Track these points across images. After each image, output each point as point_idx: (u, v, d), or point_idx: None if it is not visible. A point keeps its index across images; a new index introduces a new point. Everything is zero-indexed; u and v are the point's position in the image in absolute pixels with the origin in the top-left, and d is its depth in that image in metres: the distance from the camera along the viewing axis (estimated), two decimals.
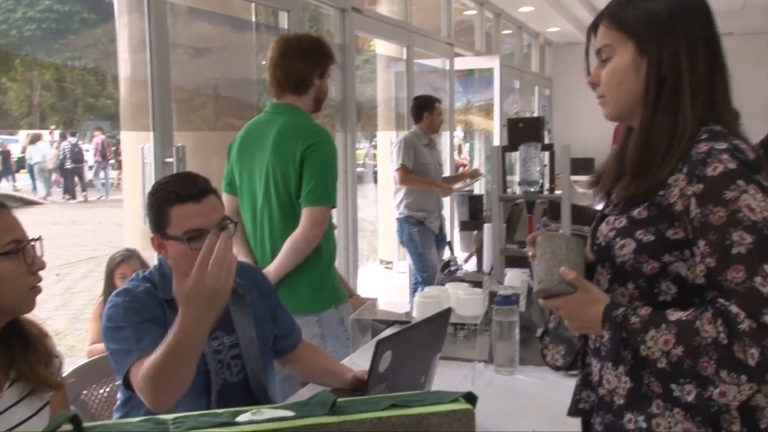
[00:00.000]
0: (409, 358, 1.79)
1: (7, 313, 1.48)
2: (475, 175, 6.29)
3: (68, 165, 17.54)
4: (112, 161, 18.17)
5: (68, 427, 1.17)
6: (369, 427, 1.27)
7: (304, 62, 2.75)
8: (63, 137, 18.02)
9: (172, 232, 1.89)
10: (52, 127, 19.29)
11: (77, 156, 17.67)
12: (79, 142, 17.82)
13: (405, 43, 6.45)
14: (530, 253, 1.47)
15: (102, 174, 18.09)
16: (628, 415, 1.36)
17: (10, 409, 1.48)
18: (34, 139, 17.39)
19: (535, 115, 10.20)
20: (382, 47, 7.19)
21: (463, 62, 8.33)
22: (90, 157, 18.15)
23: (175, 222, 1.89)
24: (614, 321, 1.34)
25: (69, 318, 6.89)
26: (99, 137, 18.47)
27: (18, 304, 1.49)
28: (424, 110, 5.43)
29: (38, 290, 1.51)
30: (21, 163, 18.01)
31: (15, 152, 18.69)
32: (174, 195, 1.89)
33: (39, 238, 1.52)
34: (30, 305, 1.51)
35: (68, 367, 1.98)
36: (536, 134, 3.16)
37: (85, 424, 1.18)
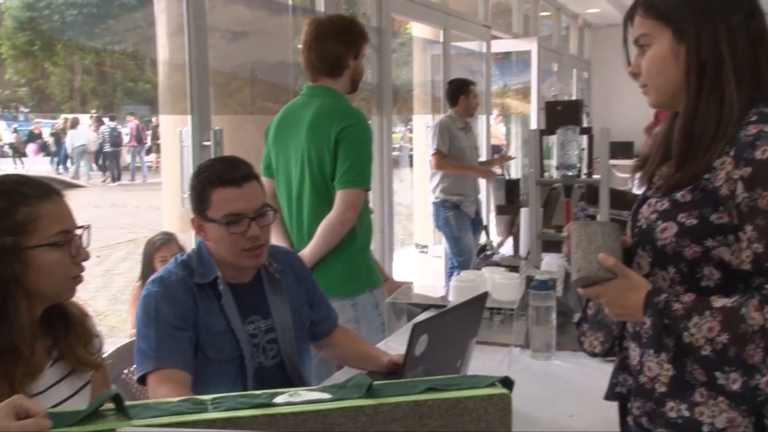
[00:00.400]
0: (445, 342, 1.79)
1: (48, 299, 1.51)
2: (505, 159, 6.23)
3: (107, 148, 17.88)
4: (147, 145, 18.48)
5: (111, 405, 1.20)
6: (405, 411, 1.27)
7: (337, 44, 2.74)
8: (100, 122, 18.35)
9: (212, 214, 1.91)
10: (93, 111, 19.58)
11: (116, 140, 18.01)
12: (118, 126, 18.12)
13: (442, 25, 6.41)
14: (565, 250, 1.45)
15: (138, 158, 18.40)
16: (670, 403, 1.34)
17: (53, 387, 1.51)
18: (74, 124, 17.69)
19: (574, 98, 10.08)
20: (419, 30, 7.14)
21: (500, 45, 8.26)
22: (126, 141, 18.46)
23: (215, 205, 1.91)
24: (656, 307, 1.31)
25: (109, 299, 7.02)
26: (133, 122, 18.79)
27: (58, 292, 1.51)
28: (460, 93, 5.39)
29: (80, 280, 1.53)
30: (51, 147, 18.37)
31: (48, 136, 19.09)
32: (216, 178, 1.91)
33: (87, 227, 1.53)
34: (70, 294, 1.54)
35: (109, 347, 2.02)
36: (574, 117, 3.12)
37: (126, 403, 1.20)
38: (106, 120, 18.28)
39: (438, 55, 6.62)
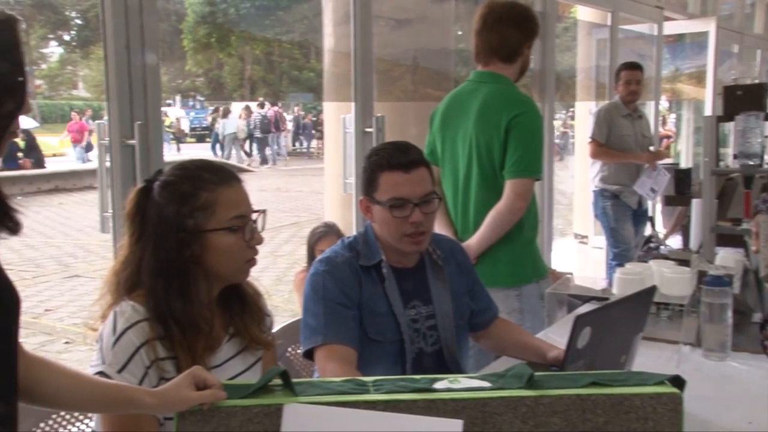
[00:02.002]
0: (609, 335, 1.72)
1: (224, 280, 1.59)
2: (661, 156, 5.83)
3: (258, 135, 18.83)
4: (286, 131, 19.36)
5: (279, 381, 1.25)
6: (567, 404, 1.23)
7: (518, 30, 2.71)
8: (248, 110, 19.34)
9: (378, 196, 1.95)
10: (260, 98, 20.62)
11: (266, 127, 18.94)
12: (266, 113, 18.92)
13: (610, 8, 6.15)
14: (753, 249, 1.36)
15: (276, 144, 19.33)
16: None
17: (228, 362, 1.60)
18: (225, 113, 18.72)
19: (757, 81, 9.36)
20: (584, 13, 6.91)
21: (674, 26, 7.80)
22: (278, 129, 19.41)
23: (382, 188, 1.94)
24: None
25: (273, 279, 7.36)
26: (271, 110, 19.67)
27: (234, 273, 1.59)
28: (615, 79, 5.18)
29: (254, 263, 1.60)
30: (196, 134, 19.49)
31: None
32: (385, 161, 1.94)
33: (263, 212, 1.60)
34: (244, 275, 1.62)
35: (274, 326, 2.11)
36: (757, 103, 2.90)
37: (293, 380, 1.25)
38: (254, 108, 19.30)
39: (604, 39, 6.37)
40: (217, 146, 18.67)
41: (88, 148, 16.92)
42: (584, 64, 7.05)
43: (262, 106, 19.47)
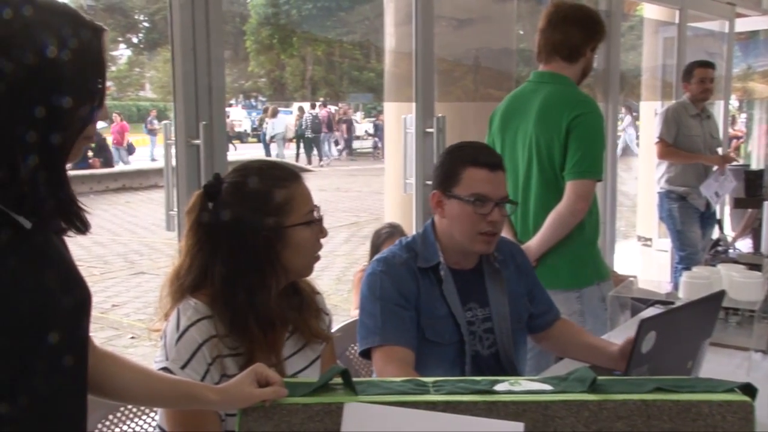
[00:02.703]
0: (674, 340, 1.68)
1: (293, 276, 1.62)
2: (730, 160, 5.62)
3: (308, 135, 19.16)
4: (336, 131, 19.55)
5: (339, 380, 1.26)
6: (632, 409, 1.21)
7: (581, 31, 2.70)
8: (301, 110, 19.66)
9: (459, 191, 1.94)
10: (320, 99, 20.82)
11: (317, 127, 19.25)
12: (318, 114, 19.24)
13: (678, 5, 6.00)
14: None
15: (327, 144, 19.63)
16: None
17: (289, 358, 1.62)
18: (274, 113, 19.00)
19: None
20: (651, 11, 6.75)
21: (747, 23, 7.56)
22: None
23: (465, 182, 1.94)
24: None
25: (332, 279, 7.41)
26: (324, 110, 19.85)
27: (304, 268, 1.62)
28: (685, 78, 5.05)
29: (319, 258, 1.63)
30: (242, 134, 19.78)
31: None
32: (472, 157, 1.95)
33: (318, 207, 1.62)
34: (311, 271, 1.64)
35: (333, 326, 2.12)
36: None
37: (353, 379, 1.26)
38: (306, 108, 19.62)
39: (671, 38, 6.21)
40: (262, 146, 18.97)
41: (130, 149, 17.35)
42: (650, 63, 6.90)
43: (313, 107, 19.78)
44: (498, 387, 1.25)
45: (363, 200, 13.10)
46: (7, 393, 1.01)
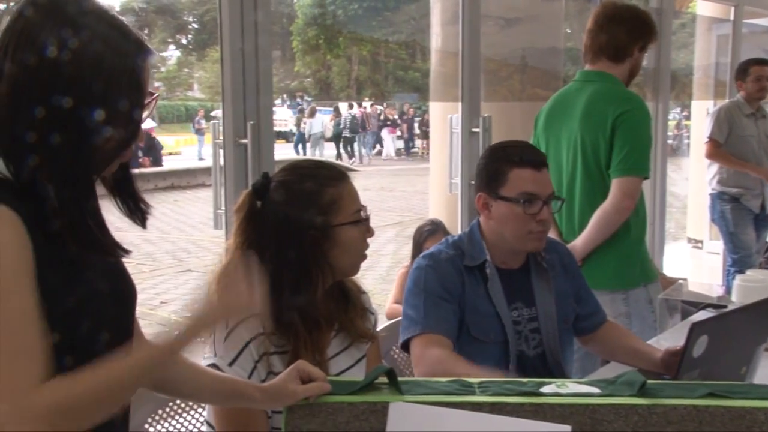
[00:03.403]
0: (727, 345, 1.65)
1: (340, 275, 1.62)
2: None
3: (346, 134, 19.41)
4: (372, 131, 19.70)
5: (384, 379, 1.26)
6: (682, 414, 1.19)
7: (627, 30, 2.68)
8: (337, 111, 19.93)
9: (505, 192, 1.93)
10: (365, 98, 20.97)
11: (355, 127, 19.50)
12: (355, 114, 19.55)
13: (733, 1, 5.87)
14: None
15: (363, 143, 19.68)
16: None
17: (335, 357, 1.63)
18: (312, 113, 19.16)
19: None
20: (704, 8, 6.61)
21: None
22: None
23: (511, 183, 1.93)
24: None
25: (376, 278, 7.42)
26: (358, 110, 19.97)
27: (351, 267, 1.62)
28: (740, 76, 4.92)
29: (365, 257, 1.63)
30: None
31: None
32: (517, 157, 1.94)
33: (364, 207, 1.63)
34: (357, 270, 1.65)
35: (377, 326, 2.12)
36: None
37: (399, 379, 1.26)
38: (344, 108, 19.81)
39: (725, 35, 6.08)
40: (299, 145, 19.10)
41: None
42: (702, 62, 6.76)
43: (351, 107, 20.01)
44: (544, 389, 1.24)
45: (408, 200, 13.10)
46: None
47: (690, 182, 7.31)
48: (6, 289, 0.94)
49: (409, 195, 13.68)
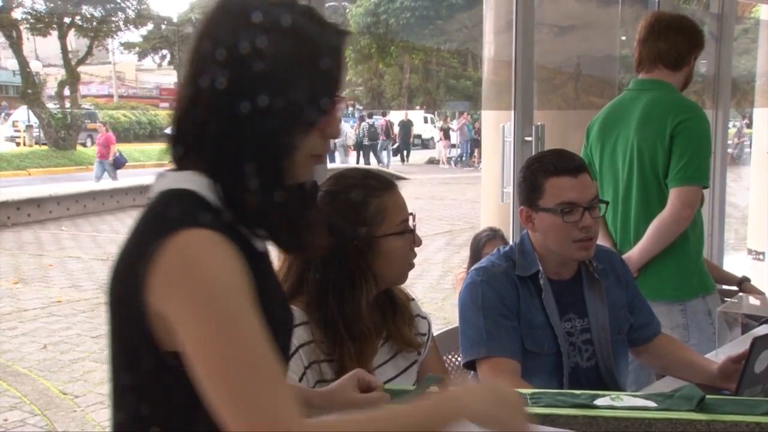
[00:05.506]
0: None
1: (386, 284, 1.63)
2: None
3: (366, 142, 19.92)
4: (394, 140, 20.28)
5: (435, 388, 1.26)
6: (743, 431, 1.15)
7: (686, 39, 2.65)
8: (360, 119, 20.48)
9: (544, 203, 1.92)
10: (417, 107, 21.07)
11: (374, 135, 19.97)
12: (374, 123, 20.19)
13: None
14: None
15: (385, 152, 20.15)
16: None
17: (382, 366, 1.63)
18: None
19: None
20: None
21: None
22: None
23: (549, 194, 1.91)
24: None
25: (426, 287, 7.40)
26: (382, 119, 20.14)
27: (398, 277, 1.63)
28: None
29: (413, 266, 1.64)
30: None
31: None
32: (551, 167, 1.91)
33: (413, 215, 1.63)
34: (404, 279, 1.65)
35: None
36: None
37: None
38: (366, 118, 20.34)
39: None
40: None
41: (117, 163, 15.57)
42: (765, 68, 6.58)
43: (370, 116, 20.62)
44: (598, 401, 1.22)
45: (458, 209, 13.05)
46: None
47: (751, 192, 7.12)
48: (248, 314, 0.91)
49: (459, 204, 13.64)
